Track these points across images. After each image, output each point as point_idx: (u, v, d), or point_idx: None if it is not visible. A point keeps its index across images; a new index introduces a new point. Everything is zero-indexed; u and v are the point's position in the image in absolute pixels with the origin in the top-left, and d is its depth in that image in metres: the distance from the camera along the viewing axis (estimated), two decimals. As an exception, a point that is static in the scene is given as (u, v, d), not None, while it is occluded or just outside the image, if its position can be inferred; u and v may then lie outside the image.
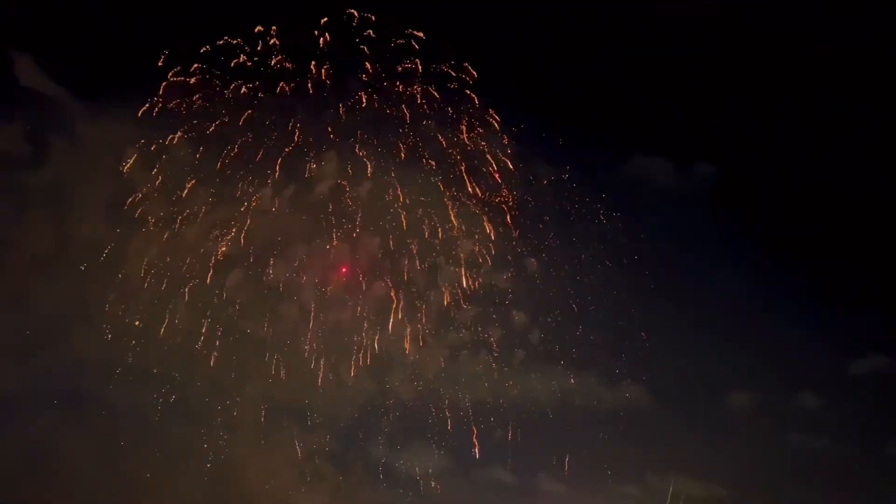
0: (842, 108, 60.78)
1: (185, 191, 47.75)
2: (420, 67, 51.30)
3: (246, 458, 45.66)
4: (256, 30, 48.84)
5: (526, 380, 52.18)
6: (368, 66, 50.52)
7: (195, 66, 47.35)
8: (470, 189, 52.56)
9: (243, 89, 48.04)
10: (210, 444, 45.75)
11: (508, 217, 53.35)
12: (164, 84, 46.59)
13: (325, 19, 50.18)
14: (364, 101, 52.07)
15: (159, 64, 46.52)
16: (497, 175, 54.20)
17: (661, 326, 59.59)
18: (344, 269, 50.70)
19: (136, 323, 45.53)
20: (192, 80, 46.91)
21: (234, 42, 47.98)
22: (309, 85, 49.92)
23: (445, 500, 49.18)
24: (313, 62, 49.66)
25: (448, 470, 50.15)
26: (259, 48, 48.94)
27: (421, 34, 50.76)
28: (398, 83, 51.46)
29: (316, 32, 50.42)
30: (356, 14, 50.36)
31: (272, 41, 49.18)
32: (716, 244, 63.29)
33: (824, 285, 61.58)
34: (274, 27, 49.06)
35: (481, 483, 50.48)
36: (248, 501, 45.30)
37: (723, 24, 59.52)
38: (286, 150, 49.20)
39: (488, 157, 54.36)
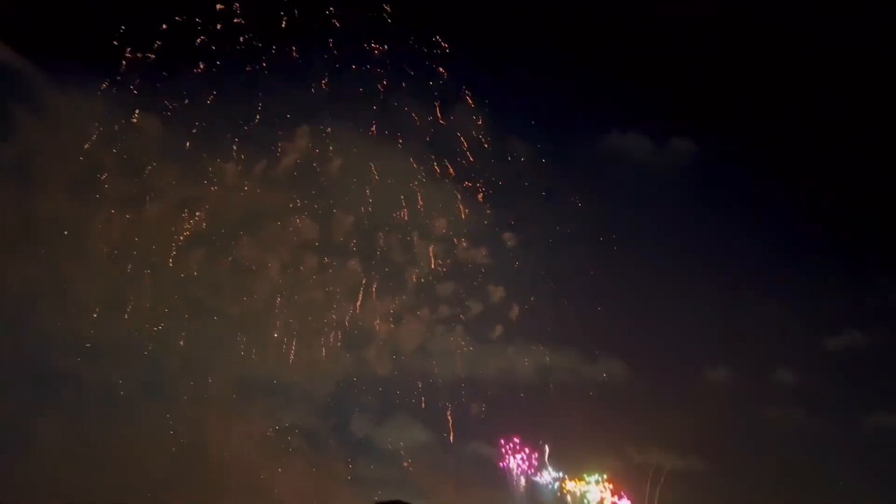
0: (822, 87, 61.12)
1: (151, 169, 47.32)
2: (388, 44, 51.30)
3: (218, 435, 45.34)
4: (218, 7, 48.40)
5: (505, 355, 52.43)
6: (335, 43, 50.78)
7: (156, 43, 46.77)
8: (437, 169, 52.72)
9: (201, 66, 47.65)
10: (181, 421, 45.25)
11: (481, 195, 53.38)
12: (124, 61, 45.93)
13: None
14: (332, 78, 52.41)
15: (114, 43, 45.84)
16: (469, 155, 54.19)
17: (638, 303, 59.97)
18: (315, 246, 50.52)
19: (100, 303, 44.84)
20: (151, 56, 46.17)
21: (196, 20, 47.49)
22: (275, 63, 50.07)
23: (425, 474, 49.15)
24: (278, 40, 49.57)
25: (428, 444, 50.29)
26: (219, 27, 48.44)
27: (389, 9, 50.79)
28: (368, 59, 51.47)
29: (282, 12, 50.32)
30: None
31: (236, 20, 48.80)
32: (693, 221, 63.25)
33: (801, 263, 61.86)
34: (237, 4, 48.61)
35: (461, 457, 50.39)
36: (221, 479, 44.81)
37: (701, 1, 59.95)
38: (252, 124, 49.17)
39: (460, 136, 54.48)
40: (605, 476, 51.09)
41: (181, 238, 47.13)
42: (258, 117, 48.92)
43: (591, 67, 58.90)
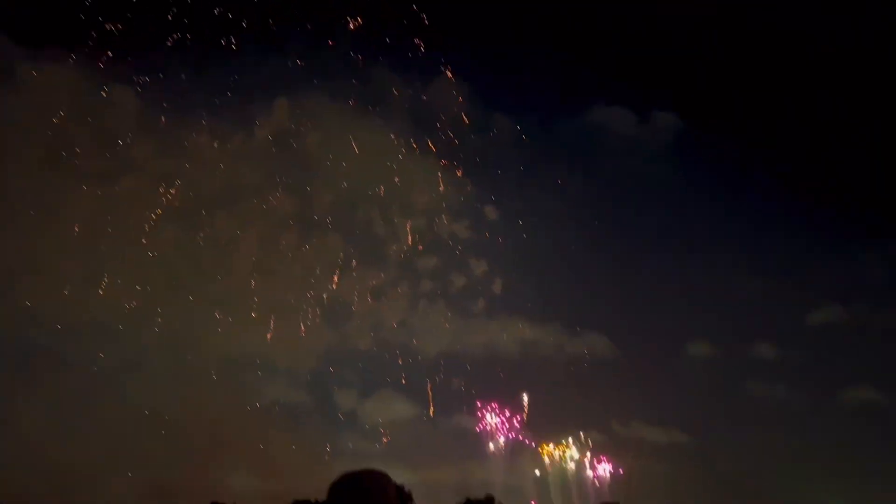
0: (806, 62, 61.12)
1: (125, 143, 46.62)
2: (365, 16, 50.64)
3: (200, 412, 44.54)
4: None
5: (487, 330, 52.21)
6: (310, 14, 49.89)
7: (127, 15, 45.90)
8: (416, 145, 52.14)
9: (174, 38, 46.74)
10: (164, 399, 44.32)
11: (461, 170, 53.11)
12: (94, 32, 45.04)
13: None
14: (308, 50, 51.48)
15: (83, 15, 44.87)
16: (449, 130, 53.75)
17: (620, 278, 60.08)
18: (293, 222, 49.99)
19: (74, 280, 44.11)
20: (120, 28, 45.25)
21: None
22: (249, 35, 49.19)
23: (408, 448, 48.98)
24: (252, 12, 48.71)
25: (411, 419, 50.13)
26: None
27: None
28: (344, 32, 50.80)
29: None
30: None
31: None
32: (676, 195, 63.40)
33: (782, 237, 62.10)
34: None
35: (445, 430, 50.50)
36: (206, 456, 44.15)
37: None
38: (228, 97, 48.37)
39: (441, 111, 53.99)
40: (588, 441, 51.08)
41: (156, 214, 46.61)
42: (233, 91, 48.45)
43: (573, 40, 58.63)
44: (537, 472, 49.98)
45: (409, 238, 51.39)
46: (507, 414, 50.00)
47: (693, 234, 61.76)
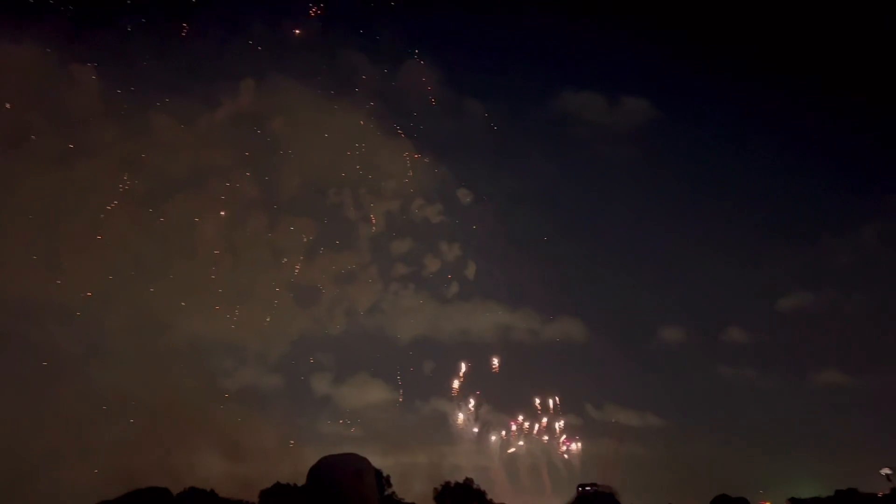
0: (777, 46, 61.41)
1: (86, 125, 44.87)
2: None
3: (168, 397, 42.78)
4: None
5: (462, 313, 51.88)
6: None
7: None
8: (387, 127, 51.36)
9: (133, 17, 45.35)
10: (130, 384, 42.42)
11: (431, 155, 52.54)
12: (52, 12, 43.35)
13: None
14: (272, 32, 50.51)
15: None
16: (419, 113, 53.17)
17: (592, 263, 60.30)
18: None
19: (36, 264, 42.49)
20: (72, 8, 43.60)
21: None
22: (211, 15, 48.46)
23: (383, 431, 48.22)
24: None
25: (386, 402, 49.74)
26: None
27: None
28: (307, 13, 49.80)
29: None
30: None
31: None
32: (647, 181, 63.66)
33: (752, 224, 62.72)
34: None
35: (420, 414, 50.10)
36: (174, 441, 42.36)
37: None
38: (192, 77, 47.35)
39: (410, 95, 53.32)
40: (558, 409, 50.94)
41: (118, 197, 44.75)
42: (197, 72, 48.09)
43: (542, 24, 58.13)
44: (512, 450, 49.76)
45: (379, 222, 50.65)
46: (479, 394, 49.57)
47: (664, 220, 62.17)
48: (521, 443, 49.40)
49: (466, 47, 57.33)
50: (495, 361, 49.39)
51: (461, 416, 48.14)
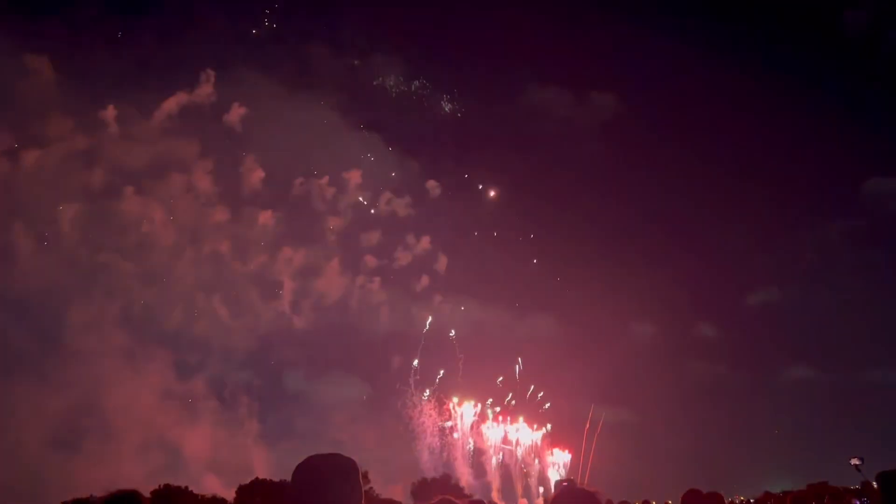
0: (747, 40, 62.14)
1: (43, 117, 43.84)
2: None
3: (120, 392, 42.34)
4: None
5: (431, 308, 51.24)
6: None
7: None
8: (353, 120, 50.97)
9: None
10: (79, 377, 42.09)
11: (399, 146, 52.41)
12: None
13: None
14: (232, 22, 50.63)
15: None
16: (386, 107, 52.91)
17: (563, 259, 60.14)
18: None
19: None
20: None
21: None
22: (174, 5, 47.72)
23: (355, 428, 48.36)
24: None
25: (357, 399, 49.73)
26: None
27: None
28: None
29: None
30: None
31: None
32: (616, 176, 63.83)
33: (720, 221, 63.00)
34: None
35: (392, 410, 49.14)
36: (122, 438, 41.90)
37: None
38: (151, 67, 46.68)
39: (376, 89, 53.11)
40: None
41: (74, 191, 44.55)
42: (156, 62, 47.23)
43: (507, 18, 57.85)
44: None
45: (346, 214, 50.21)
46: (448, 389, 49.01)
47: (632, 214, 62.38)
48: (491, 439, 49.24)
49: (431, 41, 57.05)
50: (462, 355, 48.93)
51: (428, 411, 47.72)
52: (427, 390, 47.37)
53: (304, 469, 3.85)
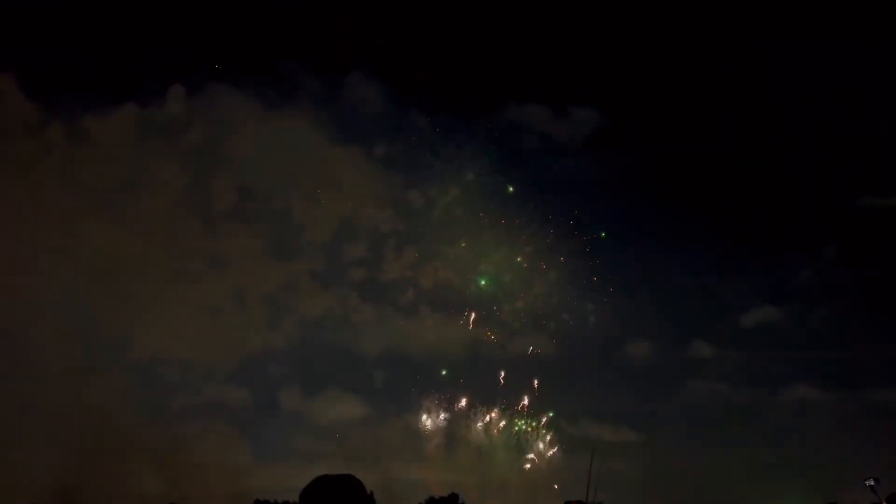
0: (732, 50, 61.89)
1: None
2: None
3: (110, 415, 40.16)
4: None
5: (422, 325, 49.09)
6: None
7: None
8: (330, 134, 48.23)
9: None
10: (65, 397, 40.37)
11: (380, 163, 50.69)
12: None
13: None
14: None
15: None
16: (363, 121, 51.36)
17: (556, 276, 59.32)
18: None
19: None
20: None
21: None
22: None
23: (362, 447, 46.20)
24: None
25: (358, 417, 47.47)
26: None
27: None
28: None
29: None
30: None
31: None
32: (606, 193, 63.24)
33: (714, 239, 62.71)
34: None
35: (393, 428, 48.11)
36: (118, 463, 39.80)
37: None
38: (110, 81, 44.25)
39: (356, 108, 50.83)
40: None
41: (38, 214, 41.92)
42: (119, 76, 44.52)
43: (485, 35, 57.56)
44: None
45: (329, 228, 47.96)
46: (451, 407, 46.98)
47: (625, 233, 61.78)
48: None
49: (409, 59, 56.45)
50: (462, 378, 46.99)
51: (429, 424, 46.41)
52: (427, 410, 46.53)
53: (312, 490, 4.17)
